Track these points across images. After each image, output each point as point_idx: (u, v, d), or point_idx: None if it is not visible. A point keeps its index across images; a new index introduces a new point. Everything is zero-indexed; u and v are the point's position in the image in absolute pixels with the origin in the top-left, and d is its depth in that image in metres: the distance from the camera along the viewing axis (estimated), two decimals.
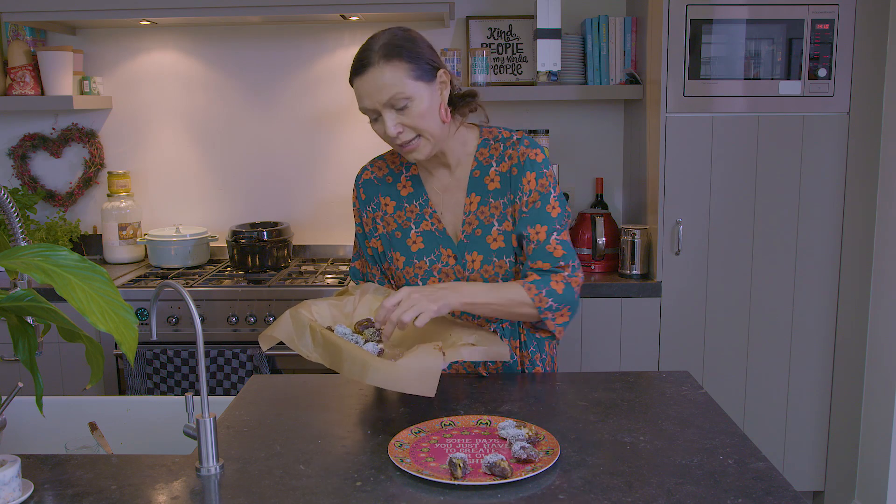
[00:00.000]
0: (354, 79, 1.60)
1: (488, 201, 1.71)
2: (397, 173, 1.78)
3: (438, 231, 1.73)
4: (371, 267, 1.82)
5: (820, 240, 2.77)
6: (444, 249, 1.72)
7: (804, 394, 2.84)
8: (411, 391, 1.37)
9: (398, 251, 1.75)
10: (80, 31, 3.23)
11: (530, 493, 1.20)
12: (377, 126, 1.62)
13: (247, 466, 1.31)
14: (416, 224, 1.74)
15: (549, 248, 1.65)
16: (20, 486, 1.22)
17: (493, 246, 1.70)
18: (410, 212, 1.75)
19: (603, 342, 2.79)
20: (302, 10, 2.85)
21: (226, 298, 2.76)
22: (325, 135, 3.27)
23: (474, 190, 1.72)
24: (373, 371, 1.38)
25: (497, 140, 1.74)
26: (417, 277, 1.73)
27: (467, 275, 1.71)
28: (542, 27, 2.89)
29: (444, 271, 1.72)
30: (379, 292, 1.70)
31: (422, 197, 1.75)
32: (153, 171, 3.32)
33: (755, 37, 2.68)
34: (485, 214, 1.71)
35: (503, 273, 1.70)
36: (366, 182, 1.80)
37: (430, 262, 1.73)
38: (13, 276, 1.54)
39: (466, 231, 1.72)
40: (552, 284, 1.63)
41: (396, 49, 1.57)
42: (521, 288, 1.62)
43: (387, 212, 1.77)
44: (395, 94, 1.56)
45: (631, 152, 3.12)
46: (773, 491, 1.21)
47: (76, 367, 2.76)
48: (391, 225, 1.76)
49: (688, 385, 1.67)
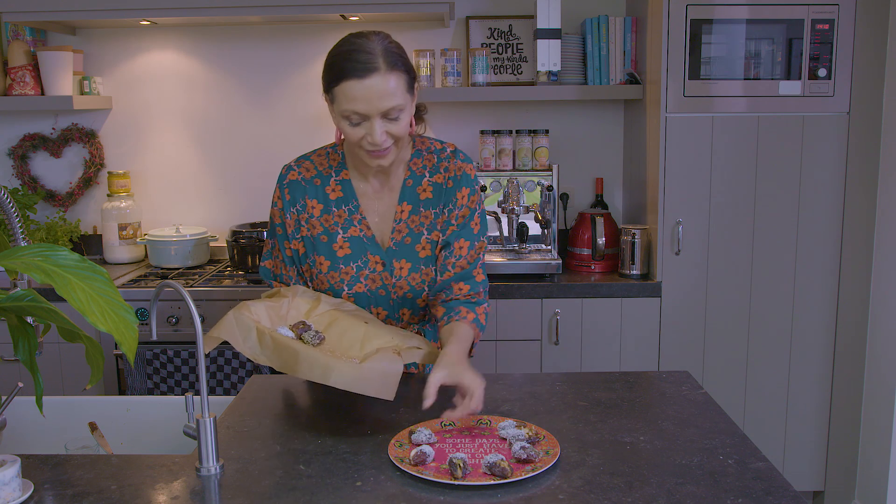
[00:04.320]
0: (350, 81, 1.54)
1: (419, 210, 1.74)
2: (326, 176, 1.75)
3: (366, 237, 1.73)
4: (287, 268, 1.79)
5: (820, 240, 2.77)
6: (372, 256, 1.73)
7: (804, 394, 2.83)
8: (372, 394, 1.40)
9: (322, 255, 1.73)
10: (80, 31, 3.23)
11: (530, 493, 1.20)
12: (357, 129, 1.58)
13: (247, 466, 1.31)
14: (343, 229, 1.73)
15: (474, 273, 1.75)
16: (20, 486, 1.22)
17: (421, 254, 1.74)
18: (338, 216, 1.74)
19: (603, 342, 2.79)
20: (302, 10, 2.85)
21: (226, 298, 2.76)
22: (325, 135, 3.27)
23: (406, 199, 1.74)
24: (336, 374, 1.39)
25: (430, 151, 1.76)
26: (343, 283, 1.73)
27: (394, 281, 1.73)
28: (542, 27, 2.89)
29: (370, 277, 1.73)
30: (307, 295, 1.69)
31: (351, 202, 1.74)
32: (153, 171, 3.32)
33: (755, 37, 2.68)
34: (415, 223, 1.73)
35: (429, 281, 1.74)
36: (291, 182, 1.75)
37: (356, 268, 1.73)
38: (13, 276, 1.54)
39: (396, 238, 1.73)
40: (480, 318, 1.72)
41: (398, 58, 1.57)
42: (471, 332, 1.67)
43: (312, 214, 1.74)
44: (395, 104, 1.56)
45: (631, 152, 3.12)
46: (773, 491, 1.21)
47: (76, 367, 2.76)
48: (316, 228, 1.74)
49: (688, 385, 1.67)
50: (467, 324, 1.67)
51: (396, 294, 1.75)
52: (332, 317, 1.63)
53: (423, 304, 1.78)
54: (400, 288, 1.74)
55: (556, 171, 2.96)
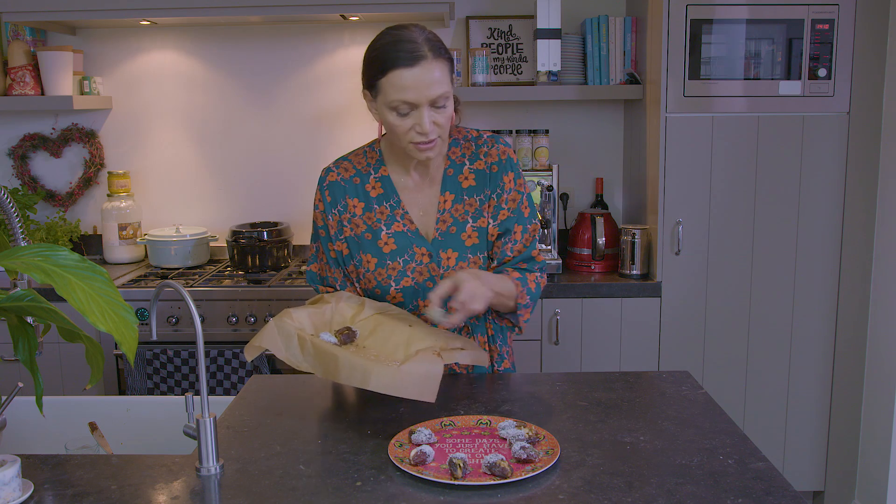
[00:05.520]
0: (398, 70, 1.55)
1: (462, 199, 1.74)
2: (365, 174, 1.76)
3: (410, 231, 1.73)
4: (333, 270, 1.78)
5: (820, 240, 2.77)
6: (419, 248, 1.72)
7: (804, 394, 2.83)
8: (413, 396, 1.40)
9: (369, 253, 1.73)
10: (80, 31, 3.23)
11: (530, 493, 1.20)
12: (405, 120, 1.59)
13: (247, 466, 1.31)
14: (386, 225, 1.73)
15: (533, 254, 1.78)
16: (20, 486, 1.22)
17: (467, 243, 1.73)
18: (381, 213, 1.74)
19: (603, 342, 2.79)
20: (302, 10, 2.85)
21: (226, 298, 2.76)
22: (325, 135, 3.27)
23: (448, 188, 1.74)
24: (375, 377, 1.40)
25: (467, 139, 1.77)
26: (391, 279, 1.72)
27: (442, 272, 1.72)
28: (542, 27, 2.89)
29: (418, 270, 1.72)
30: (351, 300, 1.69)
31: (392, 198, 1.74)
32: (153, 171, 3.32)
33: (755, 37, 2.68)
34: (459, 212, 1.74)
35: (477, 269, 1.74)
36: (332, 184, 1.76)
37: (403, 263, 1.72)
38: (13, 276, 1.55)
39: (441, 229, 1.73)
40: (530, 283, 1.73)
41: (442, 47, 1.60)
42: (512, 283, 1.69)
43: (355, 213, 1.74)
44: (443, 91, 1.57)
45: (631, 152, 3.12)
46: (773, 491, 1.21)
47: (76, 367, 2.76)
48: (360, 227, 1.74)
49: (688, 385, 1.67)
50: (509, 278, 1.69)
51: None
52: (376, 321, 1.63)
53: None
54: None
55: (556, 171, 2.96)
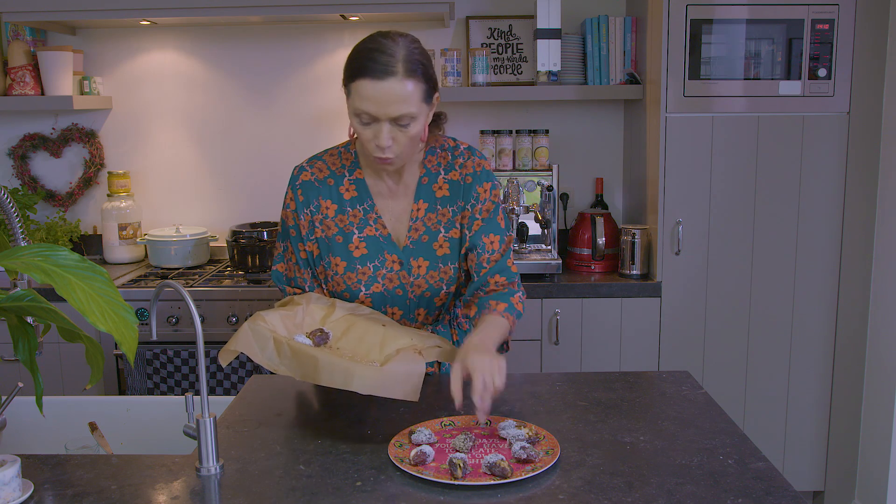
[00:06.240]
0: (365, 80, 1.53)
1: (436, 208, 1.73)
2: (339, 176, 1.74)
3: (382, 236, 1.72)
4: (302, 271, 1.76)
5: (820, 240, 2.77)
6: (389, 255, 1.72)
7: (804, 394, 2.84)
8: (397, 396, 1.39)
9: (338, 256, 1.72)
10: (80, 31, 3.23)
11: (530, 493, 1.20)
12: (366, 130, 1.58)
13: (247, 466, 1.31)
14: (359, 229, 1.72)
15: (508, 264, 1.76)
16: (20, 486, 1.22)
17: (438, 252, 1.73)
18: (353, 216, 1.72)
19: (603, 342, 2.79)
20: (302, 10, 2.85)
21: (226, 298, 2.76)
22: (325, 135, 3.27)
23: (422, 196, 1.73)
24: (358, 378, 1.39)
25: (444, 149, 1.76)
26: (360, 283, 1.71)
27: (412, 280, 1.72)
28: (542, 27, 2.89)
29: (388, 277, 1.72)
30: (321, 301, 1.67)
31: (366, 201, 1.73)
32: (153, 171, 3.32)
33: (755, 37, 2.68)
34: (432, 221, 1.73)
35: (447, 279, 1.74)
36: (305, 183, 1.73)
37: (373, 268, 1.72)
38: (13, 276, 1.55)
39: (413, 237, 1.72)
40: (517, 307, 1.72)
41: (419, 66, 1.55)
42: (504, 321, 1.68)
43: (327, 215, 1.72)
44: (407, 111, 1.54)
45: (631, 152, 3.12)
46: (773, 491, 1.21)
47: (76, 367, 2.76)
48: (331, 229, 1.72)
49: (688, 385, 1.67)
50: (496, 314, 1.67)
51: (414, 293, 1.74)
52: (348, 322, 1.62)
53: (439, 302, 1.77)
54: (418, 287, 1.73)
55: (556, 171, 2.96)
